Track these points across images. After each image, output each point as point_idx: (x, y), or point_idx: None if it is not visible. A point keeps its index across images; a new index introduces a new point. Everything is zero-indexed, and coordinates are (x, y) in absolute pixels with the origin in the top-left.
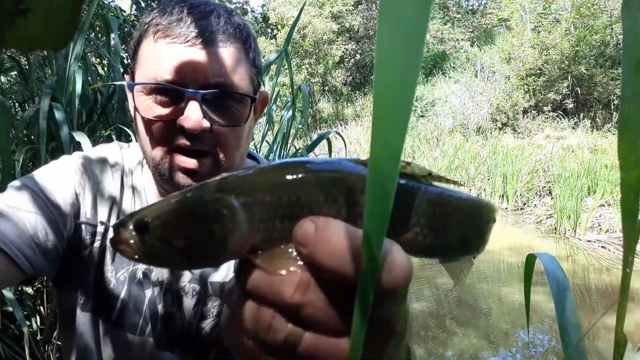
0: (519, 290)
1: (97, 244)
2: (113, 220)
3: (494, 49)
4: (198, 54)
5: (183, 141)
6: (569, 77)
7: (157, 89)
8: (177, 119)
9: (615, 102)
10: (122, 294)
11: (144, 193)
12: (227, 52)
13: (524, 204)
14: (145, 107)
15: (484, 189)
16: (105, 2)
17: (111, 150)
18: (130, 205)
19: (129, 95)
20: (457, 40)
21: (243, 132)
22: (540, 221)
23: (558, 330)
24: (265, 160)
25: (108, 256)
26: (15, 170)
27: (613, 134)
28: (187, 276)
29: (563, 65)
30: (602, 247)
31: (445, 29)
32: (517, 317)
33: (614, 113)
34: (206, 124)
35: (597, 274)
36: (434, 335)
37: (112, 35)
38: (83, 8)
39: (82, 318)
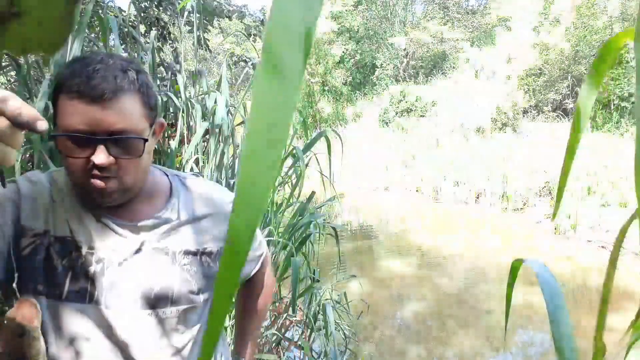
0: (520, 291)
1: (38, 241)
2: (52, 225)
3: (494, 49)
4: (101, 110)
5: (95, 172)
6: (569, 77)
7: (73, 137)
8: (90, 156)
9: (616, 102)
10: (68, 277)
11: (68, 201)
12: (124, 105)
13: (524, 204)
14: (66, 147)
15: (484, 189)
16: (104, 1)
17: (42, 173)
18: (62, 214)
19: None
20: (457, 40)
21: (142, 159)
22: (540, 221)
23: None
24: (169, 171)
25: (52, 251)
26: (15, 170)
27: (613, 134)
28: (127, 252)
29: (563, 65)
30: (602, 247)
31: (445, 29)
32: (517, 317)
33: (614, 113)
34: (111, 159)
35: (597, 275)
36: (434, 335)
37: (112, 36)
38: (79, 11)
39: (38, 302)
